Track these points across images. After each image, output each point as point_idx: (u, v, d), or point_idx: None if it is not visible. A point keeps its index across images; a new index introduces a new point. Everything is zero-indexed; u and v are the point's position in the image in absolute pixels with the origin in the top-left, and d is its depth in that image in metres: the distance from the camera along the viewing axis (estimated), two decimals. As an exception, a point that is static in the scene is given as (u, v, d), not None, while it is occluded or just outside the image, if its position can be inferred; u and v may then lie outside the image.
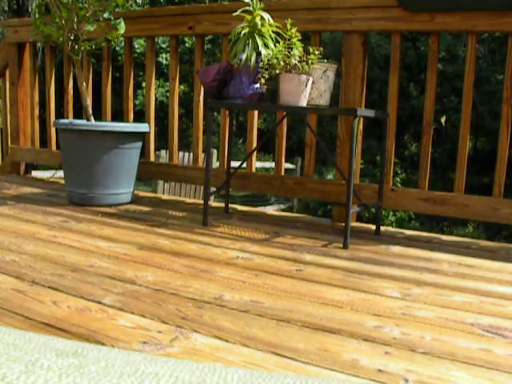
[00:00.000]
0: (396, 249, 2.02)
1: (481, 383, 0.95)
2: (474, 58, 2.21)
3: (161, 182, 4.57)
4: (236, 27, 2.24)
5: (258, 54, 2.18)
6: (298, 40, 2.06)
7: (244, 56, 2.18)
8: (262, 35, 2.20)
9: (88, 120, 2.77)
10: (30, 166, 3.74)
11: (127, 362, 0.27)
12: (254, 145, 2.74)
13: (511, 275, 1.72)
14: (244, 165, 2.69)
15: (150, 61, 3.01)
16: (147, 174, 3.11)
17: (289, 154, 5.88)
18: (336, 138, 2.53)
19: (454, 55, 11.58)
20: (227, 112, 2.68)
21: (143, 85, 11.42)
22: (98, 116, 3.01)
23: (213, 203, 2.96)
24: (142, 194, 3.14)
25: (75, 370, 0.26)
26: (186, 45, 12.98)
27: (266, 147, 12.46)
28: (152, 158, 3.13)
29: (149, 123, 2.98)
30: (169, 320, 1.18)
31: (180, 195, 4.64)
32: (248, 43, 2.18)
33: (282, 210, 8.51)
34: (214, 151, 4.54)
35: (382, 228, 2.35)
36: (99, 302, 1.27)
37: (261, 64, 2.14)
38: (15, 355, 0.27)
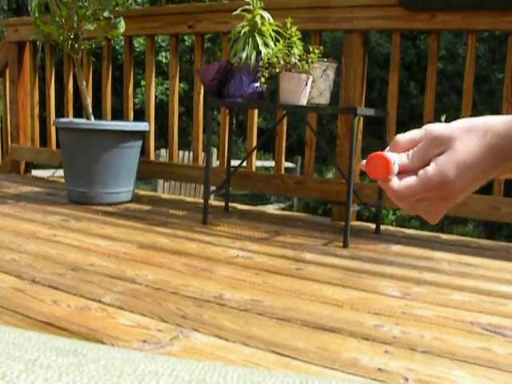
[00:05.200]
0: (396, 248, 2.02)
1: (480, 382, 0.95)
2: (474, 57, 2.21)
3: (161, 181, 4.57)
4: (236, 26, 2.23)
5: (258, 52, 2.18)
6: (298, 39, 2.05)
7: (244, 55, 2.18)
8: (262, 34, 2.20)
9: (88, 119, 2.77)
10: (30, 165, 3.74)
11: (127, 361, 0.27)
12: (254, 144, 2.74)
13: (511, 274, 1.72)
14: (244, 164, 2.69)
15: (150, 60, 3.01)
16: (147, 173, 3.11)
17: (289, 153, 5.87)
18: (336, 136, 2.53)
19: (454, 54, 11.57)
20: (227, 111, 2.68)
21: (142, 83, 11.41)
22: (98, 115, 3.00)
23: (213, 202, 2.96)
24: (141, 192, 3.14)
25: (75, 369, 0.26)
26: (186, 43, 12.97)
27: (266, 146, 12.44)
28: (152, 157, 3.13)
29: (149, 122, 2.98)
30: (169, 319, 1.18)
31: (180, 194, 4.64)
32: (248, 42, 2.18)
33: (282, 209, 8.50)
34: (214, 150, 4.54)
35: (382, 227, 2.35)
36: (99, 301, 1.27)
37: (261, 63, 2.14)
38: (15, 354, 0.27)
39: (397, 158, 0.47)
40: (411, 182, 0.46)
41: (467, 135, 0.45)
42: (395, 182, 0.47)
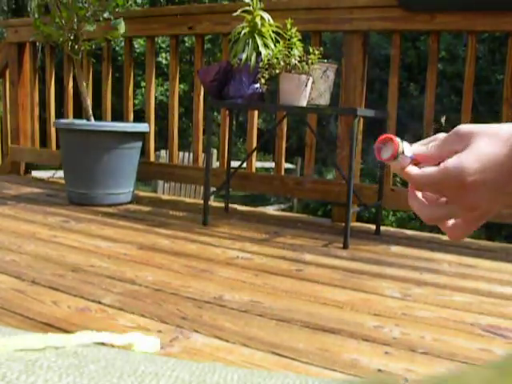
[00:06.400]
0: (396, 249, 2.02)
1: (481, 383, 0.95)
2: (474, 58, 2.21)
3: (161, 182, 4.57)
4: (236, 27, 2.24)
5: (258, 53, 2.18)
6: (298, 40, 2.06)
7: (244, 56, 2.18)
8: (262, 35, 2.20)
9: (88, 120, 2.77)
10: (30, 166, 3.74)
11: (127, 362, 0.27)
12: (254, 145, 2.74)
13: (511, 275, 1.72)
14: (244, 165, 2.69)
15: (150, 61, 3.01)
16: (147, 174, 3.11)
17: (289, 154, 5.87)
18: (336, 137, 2.53)
19: (454, 55, 11.57)
20: (227, 112, 2.68)
21: (142, 84, 11.41)
22: (98, 116, 3.01)
23: (213, 203, 2.96)
24: (141, 193, 3.14)
25: (75, 370, 0.26)
26: (186, 44, 12.98)
27: (266, 147, 12.44)
28: (152, 158, 3.13)
29: (149, 123, 2.98)
30: (169, 320, 1.18)
31: (180, 195, 4.63)
32: (248, 43, 2.18)
33: (282, 210, 8.50)
34: (214, 151, 4.54)
35: (382, 228, 2.35)
36: (99, 302, 1.27)
37: (261, 64, 2.14)
38: (15, 355, 0.27)
39: (415, 147, 0.48)
40: (429, 171, 0.46)
41: (491, 137, 0.44)
42: (413, 169, 0.47)
